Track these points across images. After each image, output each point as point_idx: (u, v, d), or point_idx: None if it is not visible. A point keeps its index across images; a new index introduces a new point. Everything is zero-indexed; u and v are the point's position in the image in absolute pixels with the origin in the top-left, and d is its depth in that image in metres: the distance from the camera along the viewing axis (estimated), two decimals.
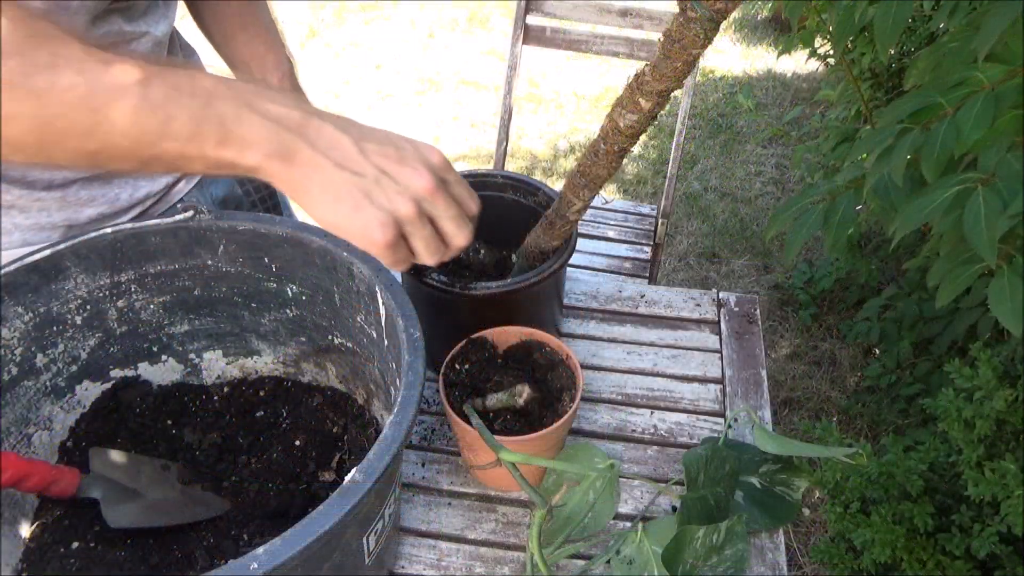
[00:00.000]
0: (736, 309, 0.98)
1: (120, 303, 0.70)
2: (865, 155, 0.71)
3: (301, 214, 0.78)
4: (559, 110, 3.28)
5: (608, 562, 0.67)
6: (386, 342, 0.64)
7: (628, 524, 0.72)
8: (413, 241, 0.52)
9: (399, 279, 0.72)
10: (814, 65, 2.98)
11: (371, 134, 0.50)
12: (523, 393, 0.70)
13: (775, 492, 0.73)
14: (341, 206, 0.48)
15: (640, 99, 0.62)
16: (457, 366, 0.74)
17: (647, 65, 0.61)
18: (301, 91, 0.84)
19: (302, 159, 0.48)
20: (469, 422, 0.67)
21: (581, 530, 0.69)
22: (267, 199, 0.93)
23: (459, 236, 0.53)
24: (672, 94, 0.63)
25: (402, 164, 0.50)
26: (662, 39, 0.59)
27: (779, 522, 0.71)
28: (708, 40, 0.57)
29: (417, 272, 0.75)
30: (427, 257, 0.53)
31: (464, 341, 0.75)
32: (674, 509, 0.74)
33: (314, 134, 0.48)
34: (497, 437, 0.66)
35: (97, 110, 0.44)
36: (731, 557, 0.64)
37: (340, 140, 0.48)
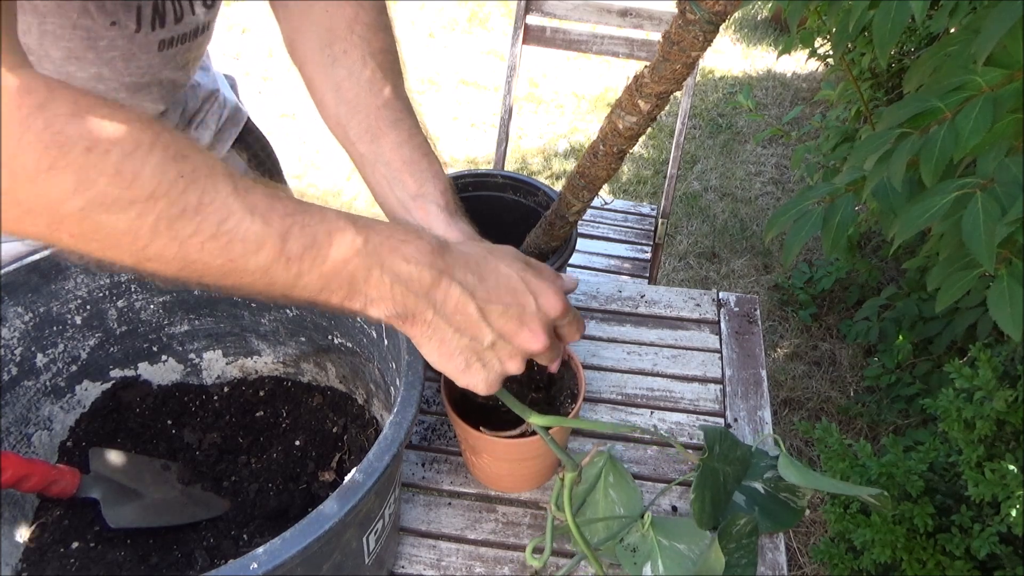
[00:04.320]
0: (736, 309, 0.98)
1: (120, 303, 0.70)
2: (865, 159, 0.71)
3: None
4: (559, 110, 3.28)
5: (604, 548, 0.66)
6: (386, 342, 0.64)
7: None
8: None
9: None
10: (814, 65, 2.98)
11: (497, 292, 0.52)
12: None
13: (779, 498, 0.73)
14: (452, 362, 0.52)
15: (639, 101, 0.62)
16: None
17: (646, 67, 0.61)
18: (456, 209, 0.68)
19: (423, 320, 0.50)
20: (468, 422, 0.67)
21: (618, 523, 0.68)
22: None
23: (554, 359, 0.58)
24: (672, 95, 0.63)
25: (521, 326, 0.52)
26: (661, 41, 0.59)
27: (782, 526, 0.71)
28: (707, 42, 0.57)
29: None
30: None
31: None
32: (674, 509, 0.75)
33: (440, 297, 0.50)
34: (500, 439, 0.66)
35: (235, 260, 0.44)
36: (746, 547, 0.64)
37: (465, 306, 0.50)
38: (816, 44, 1.66)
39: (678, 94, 1.66)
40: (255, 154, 0.91)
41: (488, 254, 0.54)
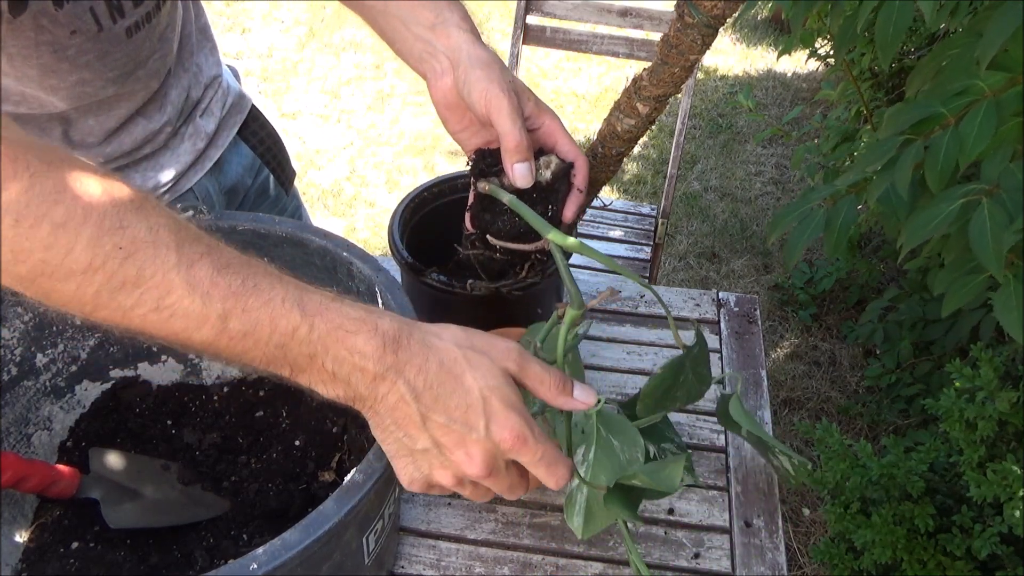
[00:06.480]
0: (736, 309, 0.98)
1: None
2: (869, 167, 0.70)
3: (314, 210, 0.75)
4: (559, 110, 3.28)
5: (546, 414, 0.61)
6: None
7: None
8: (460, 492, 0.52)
9: (399, 280, 0.72)
10: (814, 65, 2.98)
11: (446, 403, 0.47)
12: (550, 164, 0.62)
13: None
14: (387, 446, 0.50)
15: (637, 104, 0.62)
16: None
17: (645, 70, 0.61)
18: (483, 46, 0.63)
19: (364, 407, 0.48)
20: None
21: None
22: (271, 189, 0.93)
23: (511, 496, 0.53)
24: (670, 97, 0.63)
25: (460, 447, 0.47)
26: (660, 44, 0.59)
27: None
28: (706, 46, 0.57)
29: (417, 272, 0.75)
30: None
31: None
32: (671, 511, 0.74)
33: (384, 391, 0.47)
34: None
35: (178, 334, 0.44)
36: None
37: (404, 410, 0.47)
38: (816, 44, 1.66)
39: (678, 94, 1.66)
40: (261, 140, 0.91)
41: (463, 359, 0.48)
